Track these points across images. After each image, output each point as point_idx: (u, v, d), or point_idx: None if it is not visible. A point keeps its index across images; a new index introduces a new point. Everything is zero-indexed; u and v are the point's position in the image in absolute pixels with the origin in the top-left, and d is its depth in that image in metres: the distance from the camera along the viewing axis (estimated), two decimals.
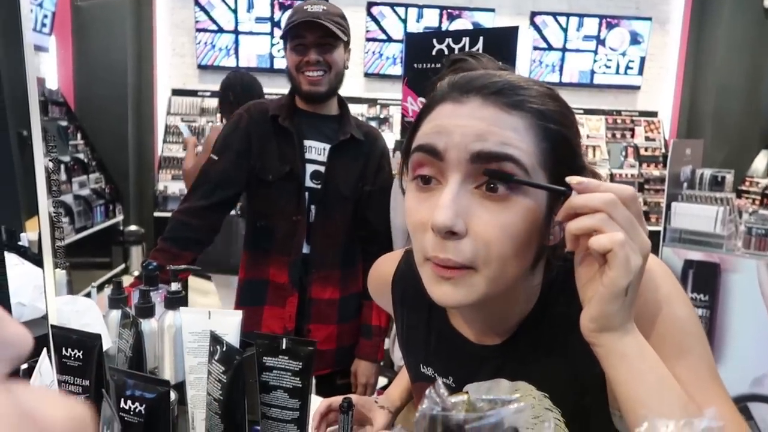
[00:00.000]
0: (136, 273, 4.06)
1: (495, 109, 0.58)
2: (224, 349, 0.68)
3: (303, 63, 1.48)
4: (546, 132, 0.59)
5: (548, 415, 0.69)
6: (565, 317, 0.68)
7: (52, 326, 0.71)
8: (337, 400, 1.02)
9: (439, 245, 0.58)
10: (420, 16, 5.81)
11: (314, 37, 1.47)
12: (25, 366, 1.10)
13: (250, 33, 5.83)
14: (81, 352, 0.69)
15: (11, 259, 1.23)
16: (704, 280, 2.61)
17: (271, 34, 5.83)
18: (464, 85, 0.61)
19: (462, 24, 5.73)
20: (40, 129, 0.71)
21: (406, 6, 5.77)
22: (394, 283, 0.87)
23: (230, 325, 0.77)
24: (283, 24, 6.61)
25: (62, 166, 4.24)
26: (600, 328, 0.55)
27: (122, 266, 5.06)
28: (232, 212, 2.55)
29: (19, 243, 1.58)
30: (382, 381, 1.84)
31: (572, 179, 0.55)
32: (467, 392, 0.50)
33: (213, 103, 5.91)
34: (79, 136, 4.67)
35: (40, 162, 0.63)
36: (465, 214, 0.57)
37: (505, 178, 0.57)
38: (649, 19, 5.90)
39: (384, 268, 0.90)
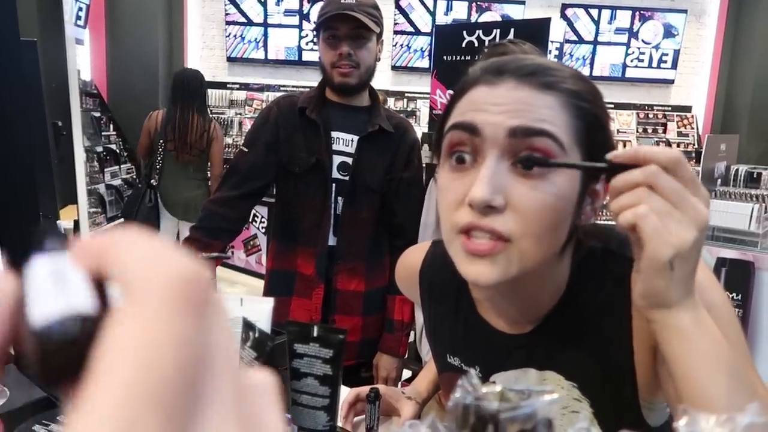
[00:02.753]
0: None
1: (529, 89, 0.59)
2: (257, 335, 0.69)
3: (336, 56, 1.48)
4: (579, 110, 0.60)
5: (577, 405, 0.69)
6: (593, 304, 0.67)
7: None
8: (365, 390, 1.03)
9: (476, 218, 0.58)
10: (449, 9, 5.76)
11: (346, 29, 1.47)
12: None
13: (279, 26, 5.86)
14: None
15: None
16: (737, 279, 2.55)
17: (300, 26, 5.85)
18: (497, 68, 0.61)
19: (491, 16, 5.66)
20: (80, 119, 0.72)
21: None
22: (421, 273, 0.87)
23: (262, 312, 0.78)
24: (312, 14, 6.60)
25: (95, 157, 4.34)
26: (650, 305, 0.54)
27: None
28: None
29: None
30: (406, 374, 1.84)
31: (611, 154, 0.54)
32: (494, 382, 0.50)
33: (242, 95, 5.97)
34: (111, 127, 4.76)
35: (80, 152, 0.65)
36: (503, 189, 0.57)
37: (542, 163, 0.57)
38: (685, 11, 5.75)
39: (412, 258, 0.90)
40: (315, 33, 1.57)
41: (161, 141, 3.37)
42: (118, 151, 4.72)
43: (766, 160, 3.87)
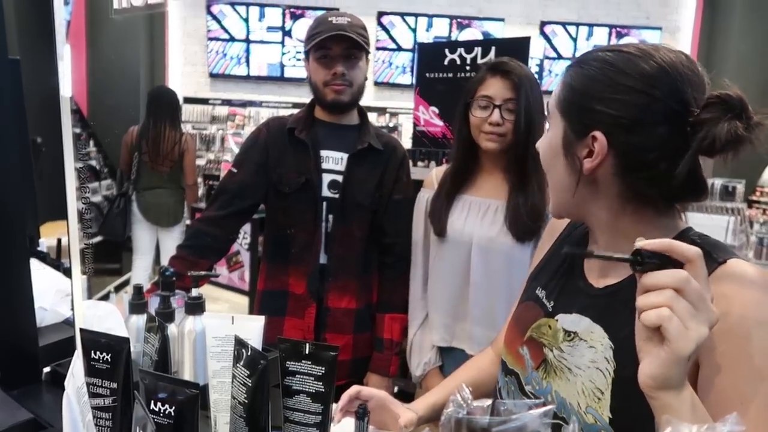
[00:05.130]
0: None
1: None
2: (249, 353, 0.70)
3: (329, 75, 1.50)
4: None
5: (603, 365, 0.73)
6: None
7: (81, 330, 0.73)
8: (367, 389, 1.03)
9: None
10: (430, 26, 5.85)
11: (340, 49, 1.49)
12: (47, 369, 1.12)
13: (262, 42, 5.89)
14: (109, 355, 0.71)
15: (33, 264, 1.25)
16: None
17: (282, 43, 5.89)
18: None
19: (471, 33, 5.76)
20: (71, 137, 0.73)
21: (416, 15, 5.81)
22: (570, 224, 0.96)
23: (253, 330, 0.78)
24: (294, 31, 6.55)
25: (75, 173, 4.30)
26: (659, 386, 0.57)
27: (131, 273, 5.09)
28: None
29: (39, 248, 1.61)
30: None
31: (642, 242, 0.57)
32: (492, 400, 0.52)
33: (224, 111, 5.97)
34: (91, 143, 4.72)
35: (71, 169, 0.65)
36: None
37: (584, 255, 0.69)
38: (659, 28, 5.91)
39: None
40: (304, 52, 1.58)
41: (136, 153, 3.67)
42: (98, 167, 4.68)
43: (741, 174, 3.96)
